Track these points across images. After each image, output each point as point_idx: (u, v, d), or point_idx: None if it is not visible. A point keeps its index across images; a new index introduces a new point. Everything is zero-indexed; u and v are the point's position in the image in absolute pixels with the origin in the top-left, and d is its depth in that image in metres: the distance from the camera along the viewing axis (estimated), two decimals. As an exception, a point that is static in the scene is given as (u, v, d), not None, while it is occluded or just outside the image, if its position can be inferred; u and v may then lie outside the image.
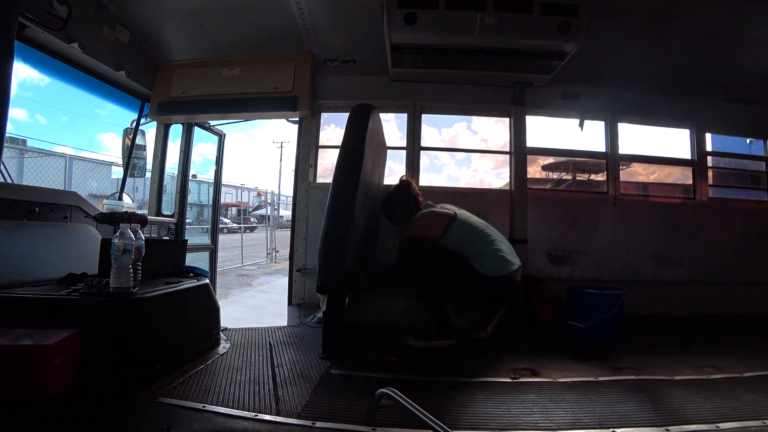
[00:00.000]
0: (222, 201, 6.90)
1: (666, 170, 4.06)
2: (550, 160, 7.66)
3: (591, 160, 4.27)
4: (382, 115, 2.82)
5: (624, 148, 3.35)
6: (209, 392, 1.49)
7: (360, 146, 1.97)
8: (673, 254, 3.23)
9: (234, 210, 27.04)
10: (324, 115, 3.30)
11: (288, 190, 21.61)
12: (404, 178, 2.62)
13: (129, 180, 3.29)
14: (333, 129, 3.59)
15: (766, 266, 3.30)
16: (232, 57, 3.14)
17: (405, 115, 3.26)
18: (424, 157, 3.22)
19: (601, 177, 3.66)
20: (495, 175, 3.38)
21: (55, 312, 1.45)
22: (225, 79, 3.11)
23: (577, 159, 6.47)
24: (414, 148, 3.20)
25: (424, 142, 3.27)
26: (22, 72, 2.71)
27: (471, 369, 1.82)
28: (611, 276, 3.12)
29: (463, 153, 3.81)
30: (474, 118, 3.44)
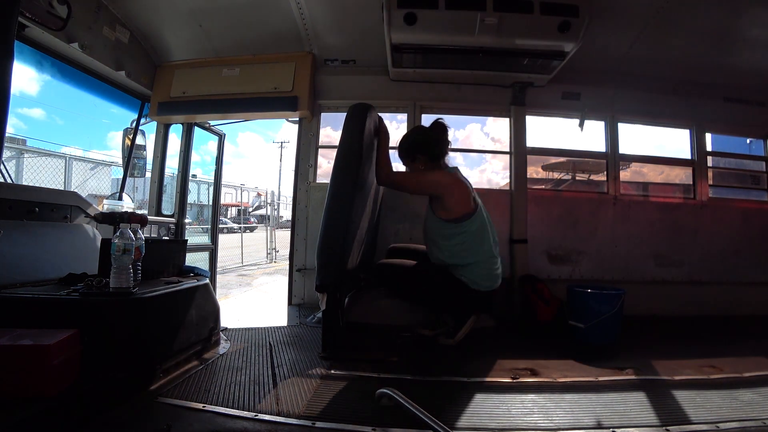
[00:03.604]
0: (222, 201, 6.89)
1: (675, 170, 4.04)
2: (551, 160, 7.65)
3: (591, 160, 4.27)
4: (392, 116, 2.81)
5: (624, 148, 3.35)
6: (209, 392, 1.49)
7: (357, 145, 1.96)
8: (673, 254, 3.23)
9: (234, 210, 27.03)
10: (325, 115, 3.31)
11: (288, 190, 21.61)
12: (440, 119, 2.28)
13: (129, 180, 3.29)
14: (333, 129, 3.59)
15: (766, 266, 3.30)
16: (232, 57, 3.14)
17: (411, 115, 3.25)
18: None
19: (601, 177, 3.66)
20: (504, 176, 3.37)
21: (55, 312, 1.45)
22: (225, 79, 3.11)
23: (577, 159, 6.46)
24: (414, 148, 3.20)
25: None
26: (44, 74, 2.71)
27: (471, 369, 1.82)
28: (611, 276, 3.12)
29: (475, 154, 3.82)
30: (489, 119, 3.43)
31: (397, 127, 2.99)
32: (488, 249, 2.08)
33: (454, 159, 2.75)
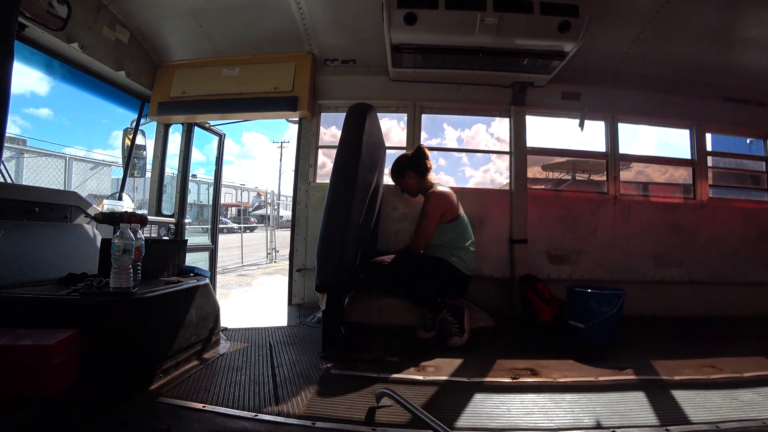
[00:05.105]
0: (222, 201, 6.88)
1: (679, 170, 4.04)
2: (551, 160, 7.66)
3: (591, 160, 4.27)
4: (397, 116, 2.82)
5: (624, 147, 3.35)
6: (209, 392, 1.49)
7: (357, 145, 1.96)
8: (673, 254, 3.23)
9: (234, 210, 27.02)
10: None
11: (288, 190, 21.60)
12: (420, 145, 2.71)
13: (129, 180, 3.29)
14: (334, 129, 3.59)
15: (766, 266, 3.30)
16: (232, 57, 3.14)
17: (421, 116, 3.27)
18: (442, 159, 3.25)
19: (601, 177, 3.66)
20: (507, 175, 3.39)
21: (55, 312, 1.45)
22: (225, 79, 3.11)
23: (577, 159, 6.47)
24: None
25: (444, 142, 3.30)
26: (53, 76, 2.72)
27: (471, 369, 1.82)
28: (611, 276, 3.12)
29: (480, 154, 3.84)
30: (495, 119, 3.44)
31: (403, 128, 3.01)
32: (471, 242, 2.53)
33: (460, 159, 3.01)
